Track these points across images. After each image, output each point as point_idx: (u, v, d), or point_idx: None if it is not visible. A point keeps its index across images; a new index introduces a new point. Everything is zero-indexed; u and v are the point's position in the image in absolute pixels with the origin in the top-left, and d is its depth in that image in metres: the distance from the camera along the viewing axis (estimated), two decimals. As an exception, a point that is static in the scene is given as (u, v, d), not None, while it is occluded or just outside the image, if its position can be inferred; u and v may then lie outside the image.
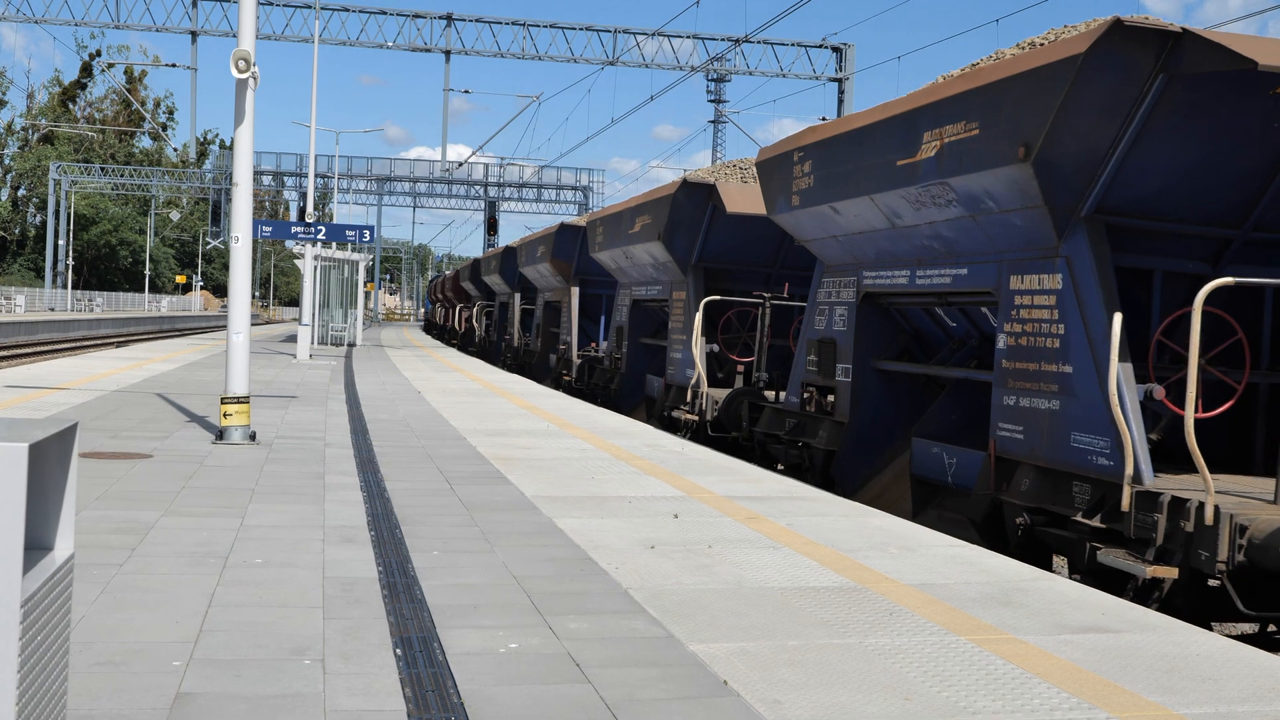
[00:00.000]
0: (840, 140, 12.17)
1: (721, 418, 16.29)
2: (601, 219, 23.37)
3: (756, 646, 5.23)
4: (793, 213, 13.49)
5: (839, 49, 53.19)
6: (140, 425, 12.78)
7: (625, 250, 20.90)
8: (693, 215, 17.85)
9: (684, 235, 18.10)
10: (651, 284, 20.51)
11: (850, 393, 12.65)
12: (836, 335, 13.02)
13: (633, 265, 21.01)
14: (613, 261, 22.54)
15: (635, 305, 22.05)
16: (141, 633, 5.10)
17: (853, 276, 12.78)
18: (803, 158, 13.14)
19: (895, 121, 10.99)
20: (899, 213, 11.15)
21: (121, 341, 52.97)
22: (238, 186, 12.06)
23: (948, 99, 10.10)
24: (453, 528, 7.73)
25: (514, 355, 37.15)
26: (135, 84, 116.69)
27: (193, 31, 51.12)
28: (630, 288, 22.15)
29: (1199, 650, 5.47)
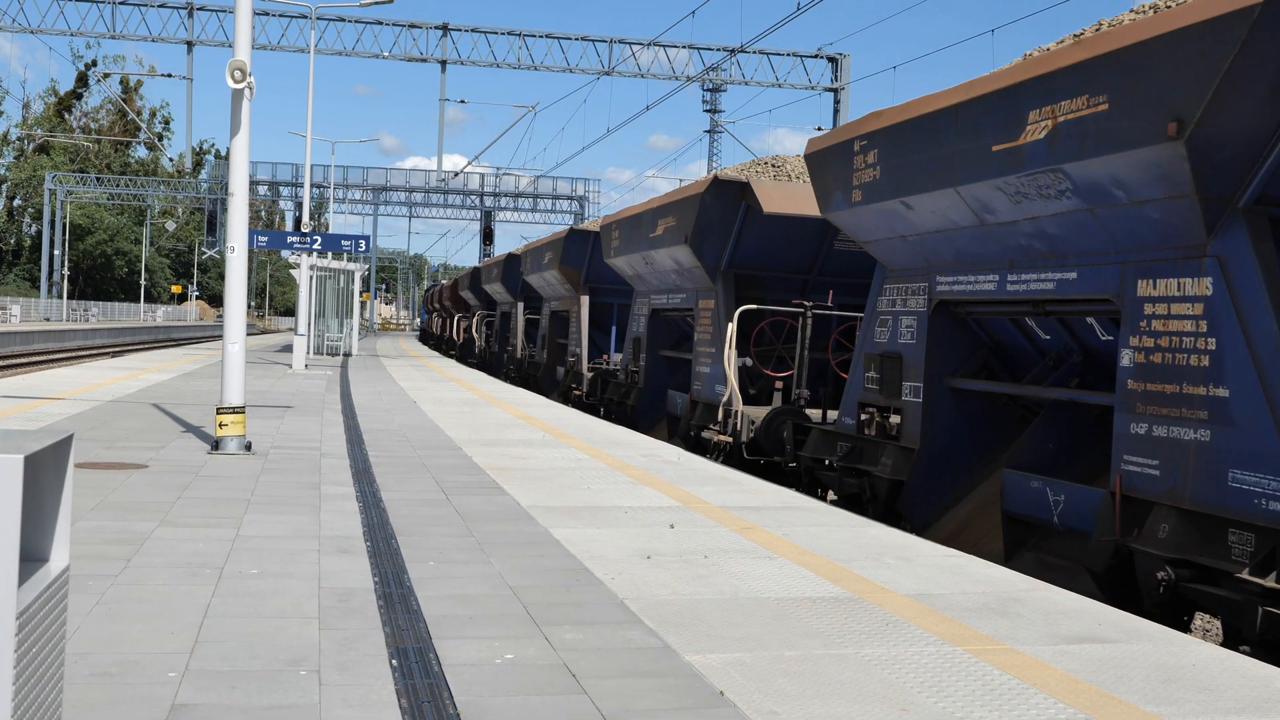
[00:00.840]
0: (915, 125, 10.70)
1: (760, 439, 14.89)
2: (618, 222, 21.76)
3: (753, 657, 5.23)
4: (853, 210, 12.05)
5: (834, 59, 53.27)
6: (136, 435, 12.76)
7: (645, 255, 19.47)
8: (723, 216, 16.44)
9: (713, 238, 16.67)
10: (674, 292, 19.06)
11: (921, 415, 11.21)
12: (903, 349, 11.59)
13: (653, 272, 19.63)
14: (630, 268, 21.12)
15: (654, 315, 20.59)
16: (137, 644, 5.09)
17: (923, 282, 11.37)
18: (866, 146, 11.64)
19: (990, 100, 9.49)
20: (991, 207, 9.74)
21: (117, 351, 52.92)
22: (234, 196, 12.05)
23: (1065, 69, 8.55)
24: (448, 538, 7.72)
25: (517, 367, 35.34)
26: (131, 94, 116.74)
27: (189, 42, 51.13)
28: (649, 296, 20.71)
29: (1195, 660, 5.47)
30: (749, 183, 16.03)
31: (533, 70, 53.43)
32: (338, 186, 79.87)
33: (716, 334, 16.43)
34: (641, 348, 20.89)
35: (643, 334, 20.87)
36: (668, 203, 18.17)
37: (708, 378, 16.92)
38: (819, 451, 13.21)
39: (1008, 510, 9.81)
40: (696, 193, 16.69)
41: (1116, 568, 8.40)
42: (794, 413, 14.64)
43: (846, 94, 52.94)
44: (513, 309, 37.34)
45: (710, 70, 54.15)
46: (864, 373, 12.27)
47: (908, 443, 11.36)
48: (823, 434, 13.28)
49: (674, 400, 19.25)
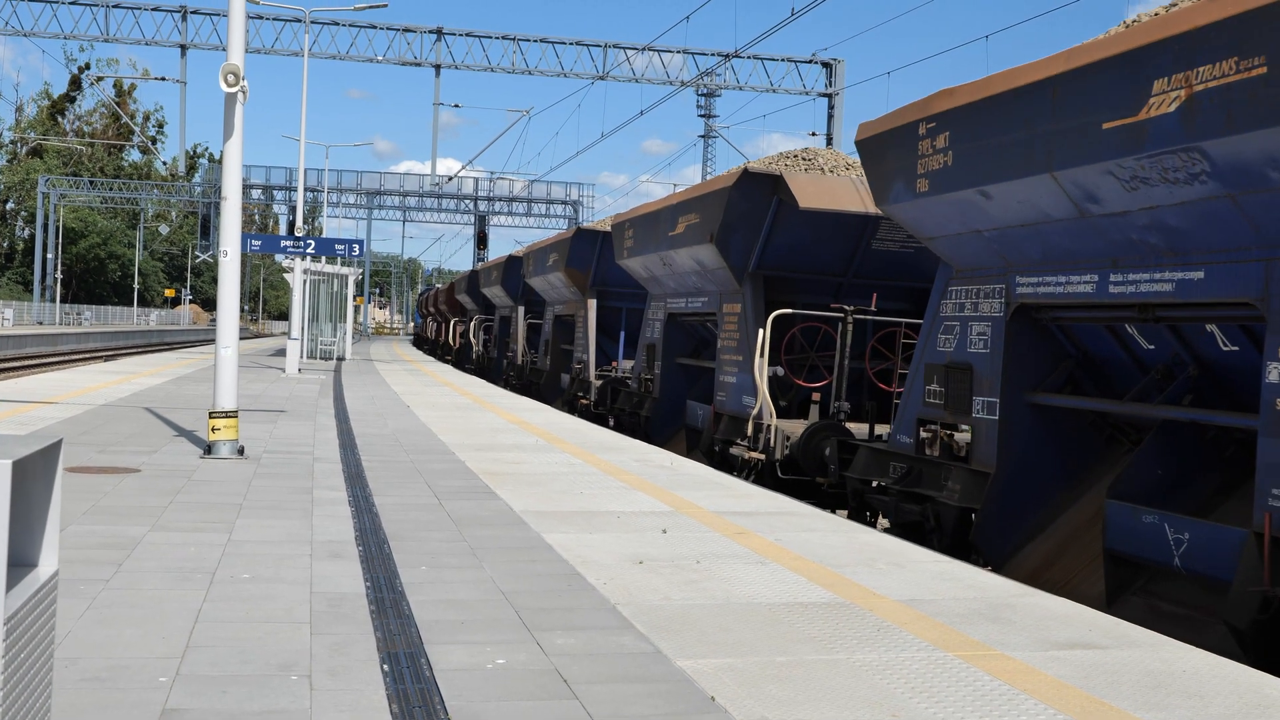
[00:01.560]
0: (998, 103, 9.39)
1: (797, 457, 13.64)
2: (632, 220, 20.36)
3: (744, 662, 5.23)
4: (916, 202, 10.72)
5: (829, 64, 53.32)
6: (128, 440, 12.74)
7: (664, 256, 18.14)
8: (753, 213, 15.21)
9: (741, 237, 15.42)
10: (694, 295, 17.84)
11: (996, 434, 9.98)
12: (973, 359, 10.36)
13: (671, 274, 18.34)
14: (645, 270, 19.77)
15: (671, 320, 19.31)
16: (128, 648, 5.08)
17: (999, 283, 10.18)
18: (934, 129, 10.31)
19: (1101, 70, 8.19)
20: (1096, 194, 8.45)
21: (110, 355, 52.84)
22: (227, 200, 12.05)
23: (1206, 29, 7.26)
24: (441, 543, 7.72)
25: (518, 374, 33.91)
26: (125, 97, 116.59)
27: (182, 45, 51.09)
28: (665, 300, 19.41)
29: (1185, 666, 5.48)
30: (782, 176, 14.86)
31: (527, 74, 53.42)
32: (332, 190, 79.86)
33: (743, 340, 15.40)
34: (657, 355, 19.68)
35: (658, 340, 19.67)
36: (690, 198, 16.95)
37: (733, 388, 15.84)
38: (868, 473, 12.06)
39: (1112, 548, 8.58)
40: (724, 187, 15.46)
41: (1266, 624, 7.12)
42: (836, 428, 13.39)
43: (841, 99, 52.98)
44: (513, 313, 36.05)
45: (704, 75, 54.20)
46: (924, 385, 11.05)
47: (980, 465, 10.14)
48: (873, 453, 12.06)
49: (694, 412, 18.07)
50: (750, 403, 14.98)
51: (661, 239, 18.14)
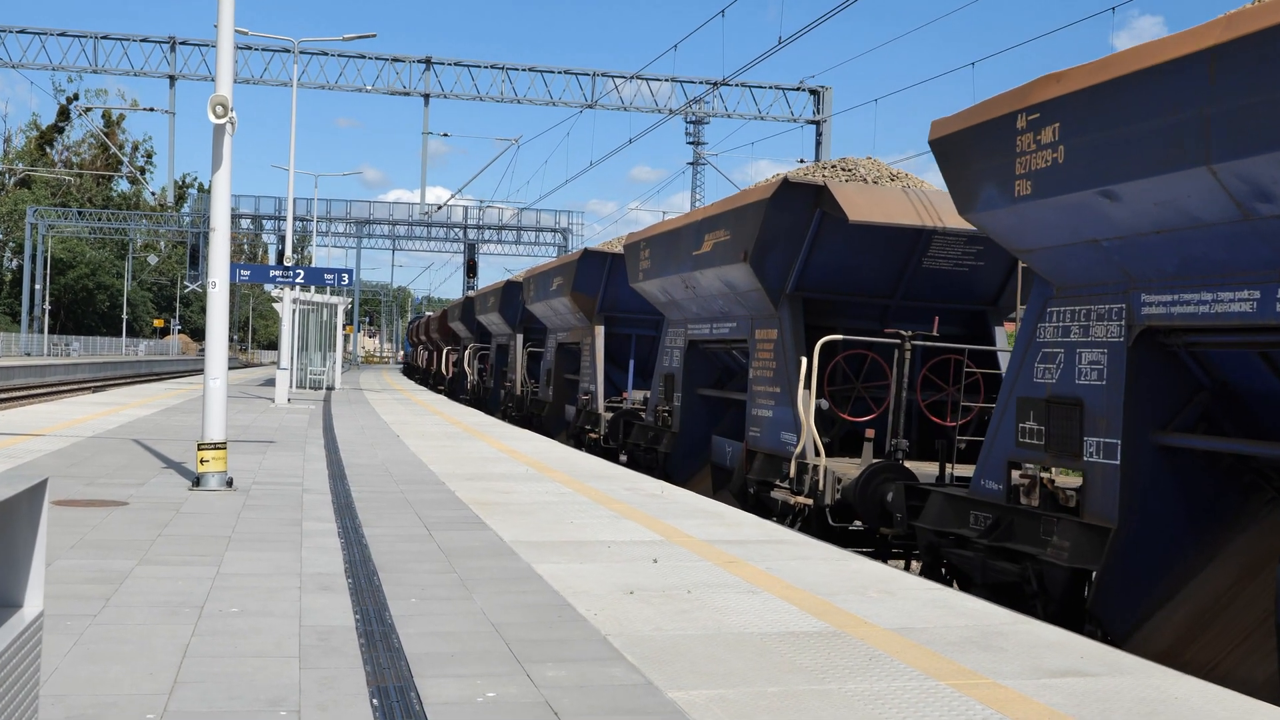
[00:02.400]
0: (1131, 84, 7.88)
1: (852, 503, 12.17)
2: (649, 240, 18.85)
3: (735, 693, 5.21)
4: (1014, 208, 9.25)
5: (816, 91, 53.56)
6: (116, 472, 12.70)
7: (686, 278, 16.70)
8: (793, 227, 13.81)
9: (779, 254, 14.01)
10: (720, 320, 16.41)
11: (1118, 481, 8.50)
12: (1084, 392, 8.90)
13: (694, 297, 16.89)
14: (664, 293, 18.28)
15: (692, 348, 17.86)
16: (115, 685, 5.05)
17: (1117, 303, 8.70)
18: (1038, 121, 8.88)
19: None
20: (1271, 190, 7.06)
21: (98, 386, 52.72)
22: (215, 231, 12.04)
23: None
24: (431, 574, 7.69)
25: (517, 405, 32.15)
26: (113, 128, 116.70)
27: (171, 76, 51.18)
28: (685, 326, 17.96)
29: (1176, 693, 5.47)
30: (826, 186, 13.49)
31: (516, 103, 53.59)
32: (321, 220, 79.87)
33: (781, 370, 14.02)
34: (676, 386, 18.15)
35: (677, 370, 18.17)
36: (720, 213, 15.44)
37: (769, 423, 14.34)
38: (944, 522, 10.53)
39: None
40: (760, 199, 14.01)
41: None
42: (899, 470, 11.99)
43: (828, 126, 53.20)
44: (511, 341, 34.55)
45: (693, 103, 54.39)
46: (1017, 423, 9.65)
47: (1096, 518, 8.65)
48: (950, 500, 10.56)
49: (721, 449, 16.67)
50: (791, 440, 13.55)
51: (684, 259, 16.79)
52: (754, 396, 14.89)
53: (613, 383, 23.85)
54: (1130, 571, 8.54)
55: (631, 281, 20.03)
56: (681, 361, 18.03)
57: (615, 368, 23.98)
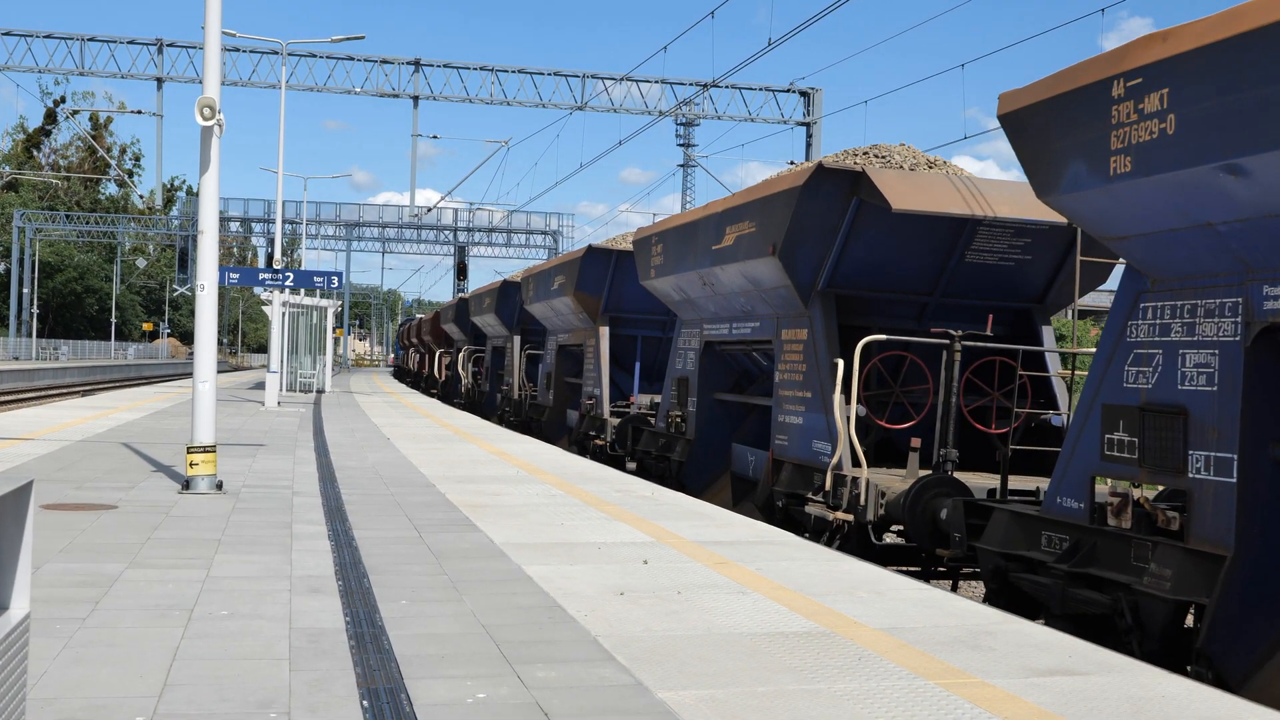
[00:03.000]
0: (1268, 37, 6.82)
1: (901, 520, 11.25)
2: (663, 234, 17.67)
3: (725, 693, 5.22)
4: (1109, 188, 8.15)
5: (807, 93, 53.63)
6: (105, 476, 12.68)
7: (705, 274, 15.64)
8: (827, 218, 12.70)
9: (811, 248, 12.89)
10: (741, 320, 15.35)
11: (1235, 503, 7.43)
12: (1188, 399, 7.85)
13: (713, 295, 15.85)
14: (679, 291, 17.19)
15: (708, 349, 16.82)
16: (105, 688, 5.04)
17: (1231, 296, 7.67)
18: (1141, 87, 7.80)
19: None
20: None
21: (87, 390, 52.61)
22: (203, 234, 12.03)
23: None
24: (421, 576, 7.69)
25: (515, 410, 30.91)
26: (101, 130, 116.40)
27: (158, 78, 51.10)
28: (701, 326, 16.94)
29: (1164, 692, 5.49)
30: (865, 172, 12.34)
31: (505, 105, 53.59)
32: (310, 222, 79.77)
33: (811, 373, 12.90)
34: (690, 390, 17.07)
35: (692, 373, 17.11)
36: (744, 204, 14.28)
37: (799, 430, 13.23)
38: (1011, 544, 9.50)
39: None
40: (791, 187, 12.83)
41: None
42: (952, 484, 11.08)
43: (819, 128, 53.27)
44: (508, 343, 33.31)
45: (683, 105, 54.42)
46: (1103, 433, 8.60)
47: (1206, 544, 7.62)
48: (1017, 519, 9.52)
49: (742, 458, 15.66)
50: (824, 449, 12.45)
51: (702, 254, 15.64)
52: (780, 402, 13.75)
53: (618, 387, 22.88)
54: (1249, 605, 7.49)
55: (642, 279, 18.91)
56: (697, 364, 16.98)
57: (620, 371, 23.00)
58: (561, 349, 26.45)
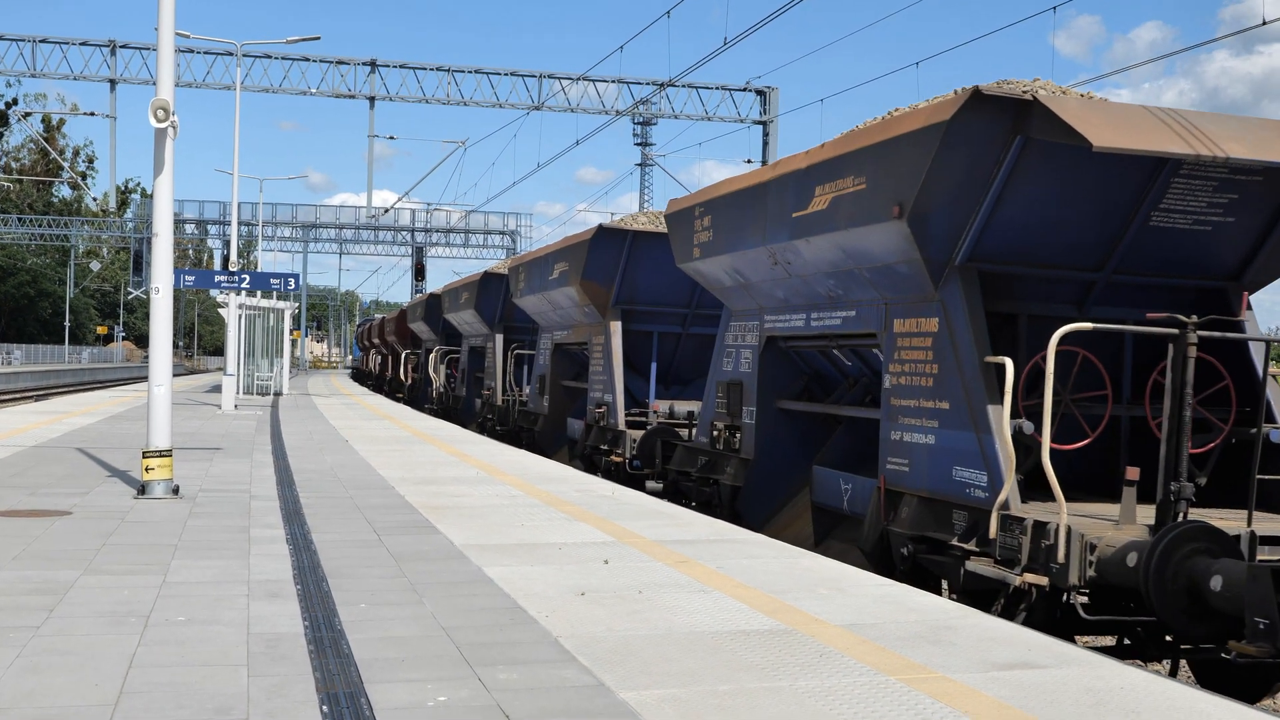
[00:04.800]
0: None
1: (1145, 588, 7.65)
2: (712, 203, 14.13)
3: (687, 692, 5.21)
4: None
5: (763, 92, 53.76)
6: (59, 481, 12.54)
7: (779, 250, 12.29)
8: (978, 166, 9.44)
9: (951, 208, 9.69)
10: (827, 308, 12.06)
11: None
12: None
13: (788, 277, 12.51)
14: (733, 275, 13.85)
15: (770, 346, 13.53)
16: (59, 696, 4.98)
17: None
18: None
19: None
20: None
21: (40, 395, 52.05)
22: (158, 236, 11.92)
23: None
24: (381, 579, 7.64)
25: (500, 418, 27.46)
26: (53, 133, 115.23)
27: (111, 80, 50.64)
28: (761, 317, 13.59)
29: (1122, 684, 5.53)
30: (1037, 99, 9.00)
31: (462, 105, 53.44)
32: (266, 224, 79.29)
33: (946, 376, 9.87)
34: (746, 397, 13.80)
35: (748, 375, 13.84)
36: (846, 153, 10.88)
37: (929, 453, 10.07)
38: None
39: None
40: (930, 123, 9.49)
41: None
42: (1213, 536, 7.75)
43: (775, 126, 53.42)
44: (489, 342, 30.06)
45: (640, 104, 54.45)
46: None
47: None
48: None
49: (830, 485, 12.35)
50: (974, 479, 9.37)
51: (774, 224, 12.32)
52: (894, 414, 10.61)
53: (630, 393, 19.55)
54: None
55: (680, 261, 15.41)
56: (755, 365, 13.73)
57: (632, 373, 19.73)
58: (559, 348, 23.29)
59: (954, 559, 9.50)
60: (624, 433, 18.18)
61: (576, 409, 22.28)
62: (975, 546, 9.22)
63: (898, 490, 10.58)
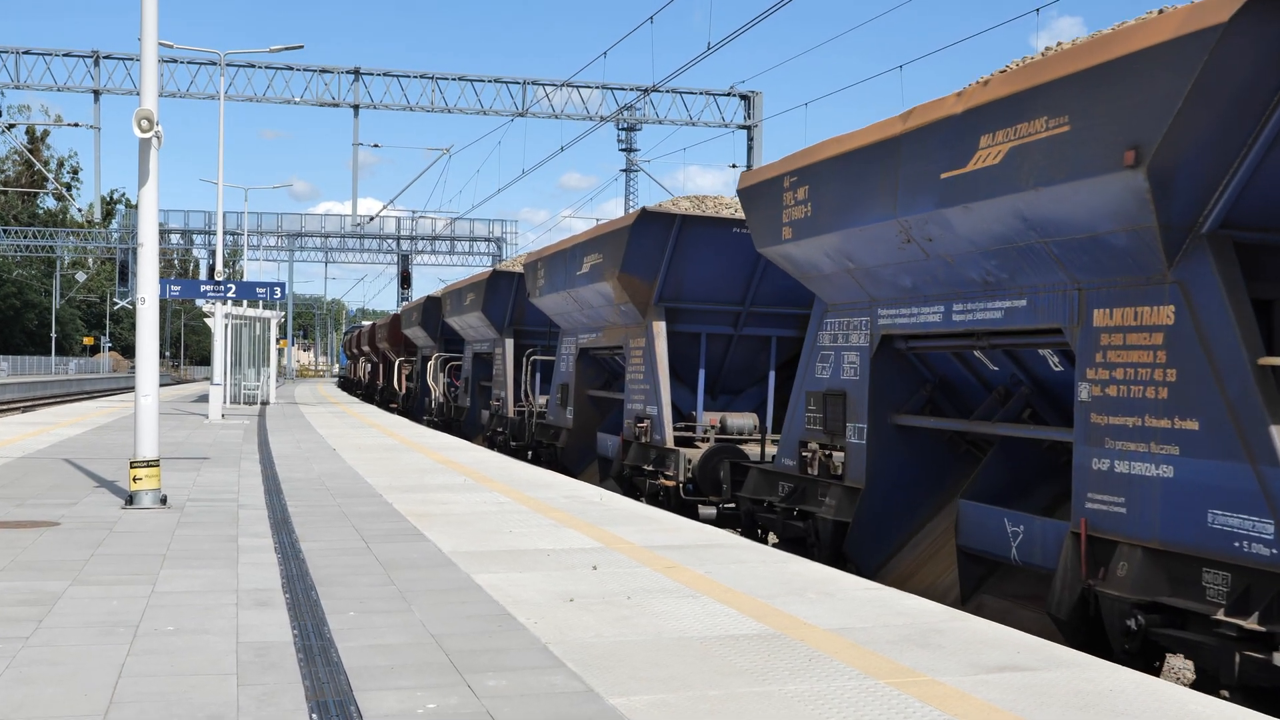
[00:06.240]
0: None
1: None
2: (812, 169, 11.47)
3: (676, 697, 5.22)
4: None
5: (747, 96, 53.81)
6: (47, 492, 12.51)
7: (915, 222, 9.71)
8: (1253, 89, 6.99)
9: (1209, 151, 7.25)
10: (975, 298, 9.70)
11: None
12: None
13: (920, 258, 10.05)
14: (846, 257, 11.14)
15: (886, 348, 11.18)
16: (49, 707, 4.97)
17: None
18: None
19: None
20: None
21: (27, 406, 51.86)
22: (143, 247, 11.91)
23: None
24: (369, 587, 7.64)
25: (513, 432, 24.89)
26: (38, 144, 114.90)
27: (95, 90, 50.51)
28: (873, 310, 11.24)
29: (1111, 685, 5.55)
30: None
31: (446, 113, 53.38)
32: (252, 233, 79.13)
33: (1191, 386, 7.46)
34: (853, 412, 11.43)
35: (854, 384, 11.47)
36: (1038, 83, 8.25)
37: (1165, 490, 7.60)
38: None
39: None
40: (1199, 28, 7.00)
41: None
42: None
43: (760, 131, 53.46)
44: (497, 347, 27.69)
45: (624, 110, 54.47)
46: None
47: None
48: None
49: (987, 525, 9.62)
50: (1243, 528, 6.99)
51: (919, 188, 9.65)
52: (1100, 436, 8.16)
53: (676, 408, 16.90)
54: None
55: (763, 244, 12.69)
56: (864, 370, 11.35)
57: (674, 381, 17.04)
58: (584, 353, 20.58)
59: (1221, 640, 7.00)
60: (675, 452, 15.73)
61: (607, 423, 20.07)
62: (1259, 624, 6.75)
63: (1108, 538, 8.06)
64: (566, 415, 20.99)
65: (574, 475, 19.37)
